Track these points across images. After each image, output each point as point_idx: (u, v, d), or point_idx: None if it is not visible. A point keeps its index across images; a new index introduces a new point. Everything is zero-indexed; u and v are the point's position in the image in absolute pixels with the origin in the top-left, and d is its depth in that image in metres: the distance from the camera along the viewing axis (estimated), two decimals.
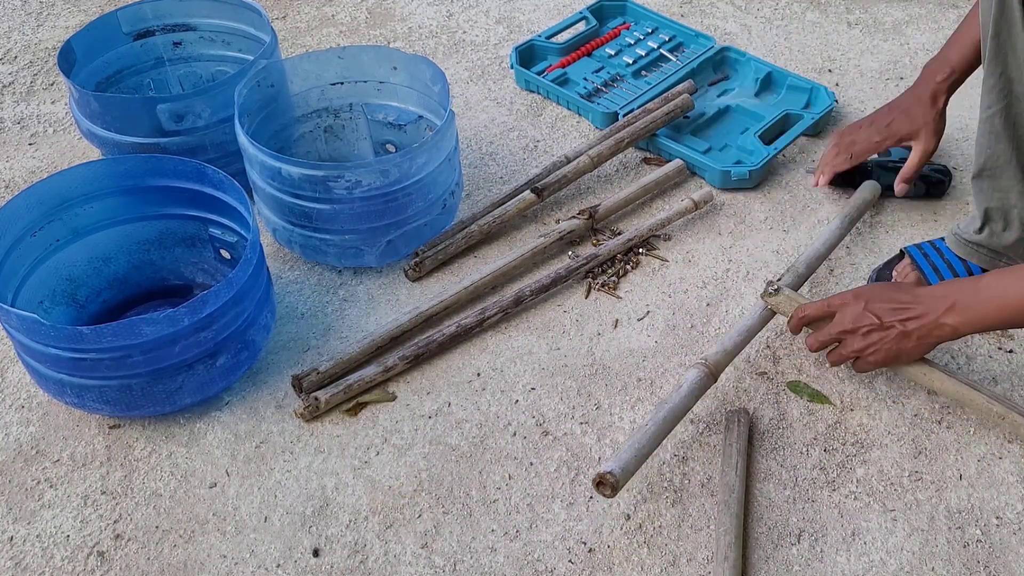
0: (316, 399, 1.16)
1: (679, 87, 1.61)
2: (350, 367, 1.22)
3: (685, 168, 1.50)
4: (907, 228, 1.42)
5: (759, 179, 1.49)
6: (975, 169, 1.16)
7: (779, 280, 1.22)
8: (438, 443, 1.15)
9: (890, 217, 1.44)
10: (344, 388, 1.18)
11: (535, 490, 1.09)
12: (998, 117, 1.08)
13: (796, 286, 1.24)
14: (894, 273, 1.30)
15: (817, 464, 1.12)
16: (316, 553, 1.04)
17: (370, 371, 1.19)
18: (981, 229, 1.19)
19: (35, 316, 1.01)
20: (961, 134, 1.58)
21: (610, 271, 1.36)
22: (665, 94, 1.60)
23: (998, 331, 1.26)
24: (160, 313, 1.04)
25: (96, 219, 1.25)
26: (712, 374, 1.12)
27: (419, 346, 1.22)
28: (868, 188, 1.40)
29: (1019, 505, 1.07)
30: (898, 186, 1.37)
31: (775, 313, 1.20)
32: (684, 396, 1.09)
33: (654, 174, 1.47)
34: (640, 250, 1.39)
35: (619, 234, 1.41)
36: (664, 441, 1.14)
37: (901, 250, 1.30)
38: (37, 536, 1.06)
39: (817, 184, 1.42)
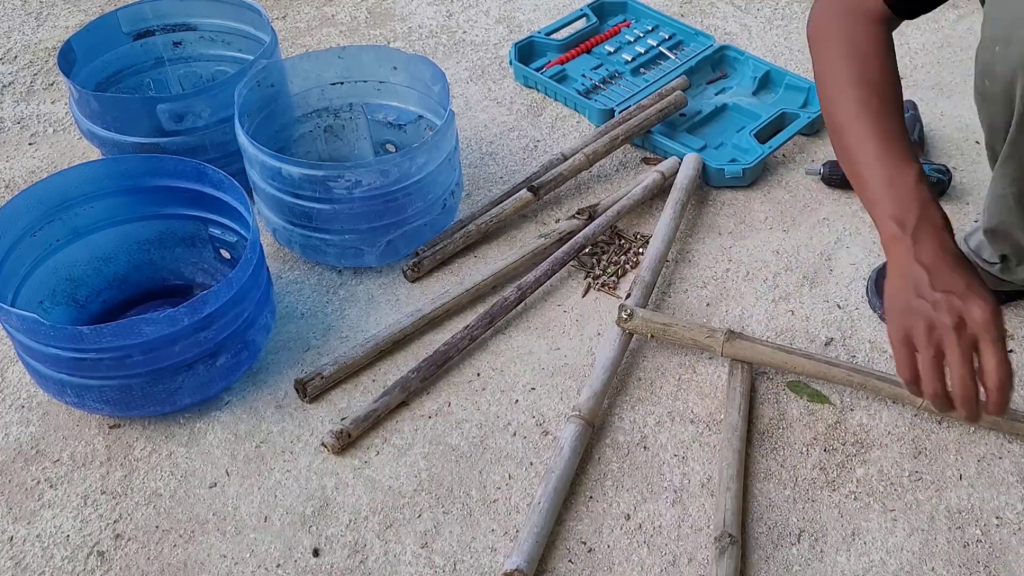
0: (349, 435, 1.13)
1: (673, 83, 1.61)
2: (354, 370, 1.22)
3: (680, 162, 1.50)
4: None
5: (753, 177, 1.49)
6: (987, 226, 1.17)
7: (628, 297, 1.24)
8: (438, 443, 1.15)
9: None
10: (373, 419, 1.15)
11: (535, 490, 1.09)
12: (1011, 198, 1.10)
13: (646, 296, 1.27)
14: None
15: (817, 464, 1.12)
16: (316, 553, 1.04)
17: (395, 396, 1.17)
18: (998, 264, 1.22)
19: (35, 316, 1.01)
20: (961, 134, 1.58)
21: (609, 271, 1.36)
22: (659, 90, 1.60)
23: None
24: (160, 313, 1.04)
25: (96, 219, 1.25)
26: (589, 423, 1.12)
27: (436, 363, 1.20)
28: (691, 163, 1.39)
29: (1019, 505, 1.07)
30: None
31: (632, 335, 1.22)
32: (568, 458, 1.08)
33: (650, 172, 1.47)
34: (640, 250, 1.39)
35: (616, 232, 1.42)
36: (664, 441, 1.14)
37: None
38: (37, 536, 1.06)
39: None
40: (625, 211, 1.42)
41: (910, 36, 1.83)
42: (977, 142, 1.57)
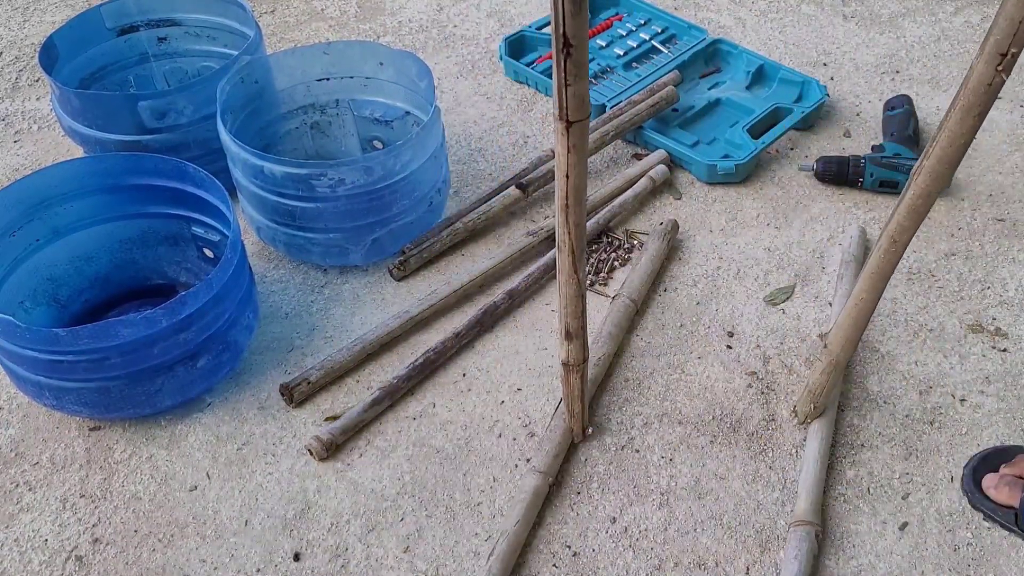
0: (336, 444, 1.12)
1: (664, 79, 1.59)
2: (340, 374, 1.20)
3: (668, 159, 1.48)
4: None
5: (746, 173, 1.47)
6: None
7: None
8: (422, 445, 1.13)
9: (883, 213, 1.42)
10: (357, 423, 1.13)
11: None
12: None
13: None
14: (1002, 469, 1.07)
15: None
16: (297, 557, 1.03)
17: (383, 405, 1.16)
18: None
19: (9, 318, 1.00)
20: None
21: (598, 268, 1.34)
22: (651, 86, 1.57)
23: (991, 330, 1.24)
24: (137, 314, 1.03)
25: (77, 218, 1.23)
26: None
27: (420, 367, 1.18)
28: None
29: None
30: None
31: None
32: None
33: (637, 167, 1.45)
34: (627, 245, 1.37)
35: (606, 230, 1.40)
36: (652, 442, 1.12)
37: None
38: (15, 540, 1.05)
39: None
40: (616, 217, 1.40)
41: (906, 29, 1.81)
42: None
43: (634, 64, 1.68)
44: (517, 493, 1.05)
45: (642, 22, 1.77)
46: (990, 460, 1.07)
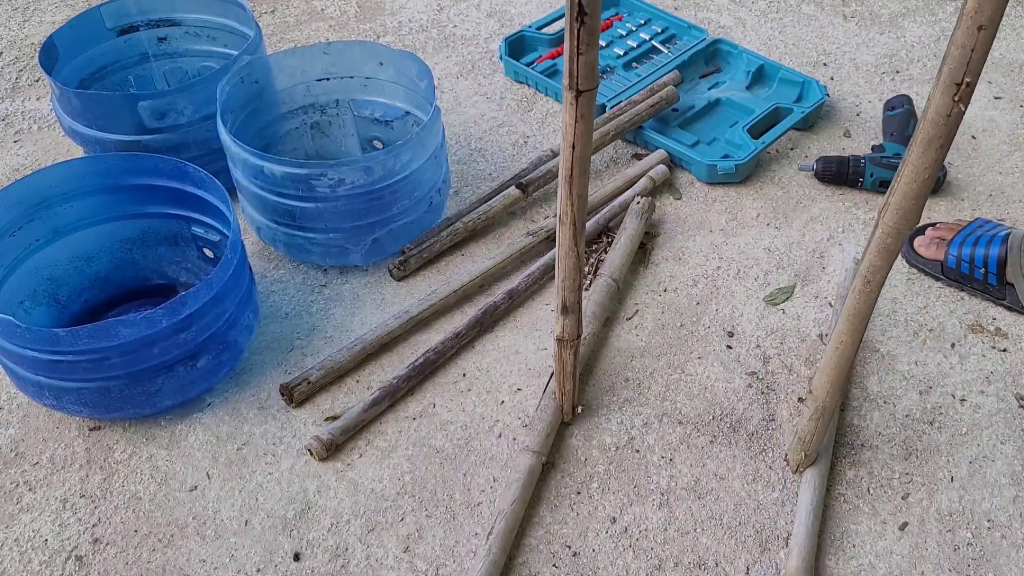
0: (335, 444, 1.12)
1: (664, 79, 1.59)
2: (340, 374, 1.20)
3: (668, 159, 1.48)
4: None
5: (746, 173, 1.47)
6: None
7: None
8: (422, 445, 1.13)
9: None
10: (357, 423, 1.13)
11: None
12: None
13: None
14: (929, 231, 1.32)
15: None
16: (297, 557, 1.03)
17: (383, 405, 1.16)
18: None
19: (9, 318, 1.00)
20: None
21: (598, 268, 1.34)
22: (651, 86, 1.57)
23: (991, 331, 1.24)
24: (138, 314, 1.03)
25: (77, 218, 1.23)
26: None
27: (420, 367, 1.19)
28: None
29: (1010, 508, 1.05)
30: None
31: None
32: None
33: (637, 167, 1.45)
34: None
35: (607, 229, 1.40)
36: (652, 442, 1.12)
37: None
38: (15, 540, 1.05)
39: None
40: (616, 216, 1.40)
41: (907, 29, 1.81)
42: (973, 137, 1.55)
43: (634, 64, 1.69)
44: (511, 474, 1.05)
45: (642, 22, 1.77)
46: (922, 229, 1.32)
